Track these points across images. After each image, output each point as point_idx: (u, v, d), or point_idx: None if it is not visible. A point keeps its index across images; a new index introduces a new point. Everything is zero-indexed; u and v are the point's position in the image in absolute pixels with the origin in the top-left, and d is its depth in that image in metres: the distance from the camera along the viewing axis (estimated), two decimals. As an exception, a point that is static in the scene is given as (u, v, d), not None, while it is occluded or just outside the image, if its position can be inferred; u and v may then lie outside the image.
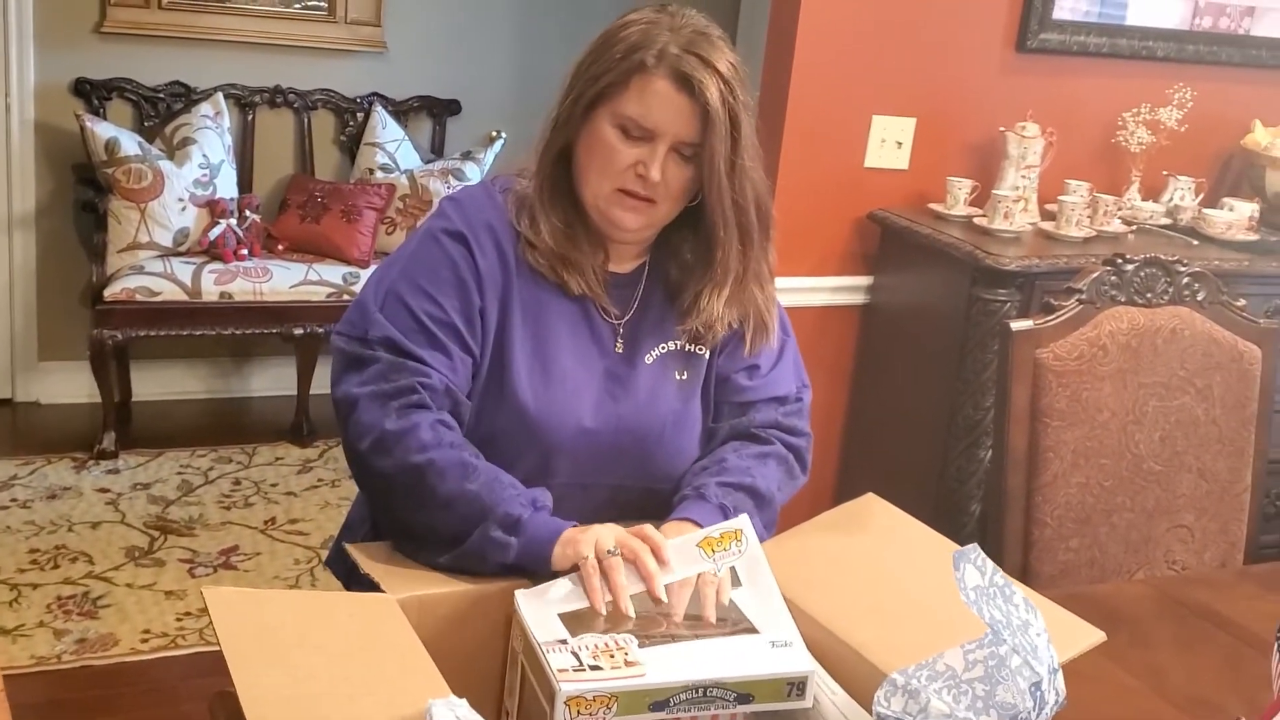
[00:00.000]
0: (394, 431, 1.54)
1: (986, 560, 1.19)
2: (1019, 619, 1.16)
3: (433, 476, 1.52)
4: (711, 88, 1.58)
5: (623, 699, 1.26)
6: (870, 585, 1.54)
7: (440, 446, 1.54)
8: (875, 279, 3.39)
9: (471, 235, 1.66)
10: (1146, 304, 2.24)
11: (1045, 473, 2.16)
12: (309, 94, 4.62)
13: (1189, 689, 1.68)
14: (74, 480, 3.91)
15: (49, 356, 4.46)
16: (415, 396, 1.56)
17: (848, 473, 3.51)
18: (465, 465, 1.54)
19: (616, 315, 1.72)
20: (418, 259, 1.66)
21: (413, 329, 1.60)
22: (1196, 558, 2.31)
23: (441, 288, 1.63)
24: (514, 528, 1.49)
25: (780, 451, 1.76)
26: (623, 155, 1.61)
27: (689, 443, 1.75)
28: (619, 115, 1.60)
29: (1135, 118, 3.45)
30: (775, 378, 1.80)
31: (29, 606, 3.18)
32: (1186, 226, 3.44)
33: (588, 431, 1.67)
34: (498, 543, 1.48)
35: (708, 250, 1.69)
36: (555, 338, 1.68)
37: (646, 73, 1.58)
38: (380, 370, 1.58)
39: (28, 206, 4.31)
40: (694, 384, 1.75)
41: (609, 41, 1.63)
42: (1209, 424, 2.28)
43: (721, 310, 1.70)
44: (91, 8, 4.29)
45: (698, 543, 1.47)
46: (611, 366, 1.71)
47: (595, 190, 1.64)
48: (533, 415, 1.65)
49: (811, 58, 3.16)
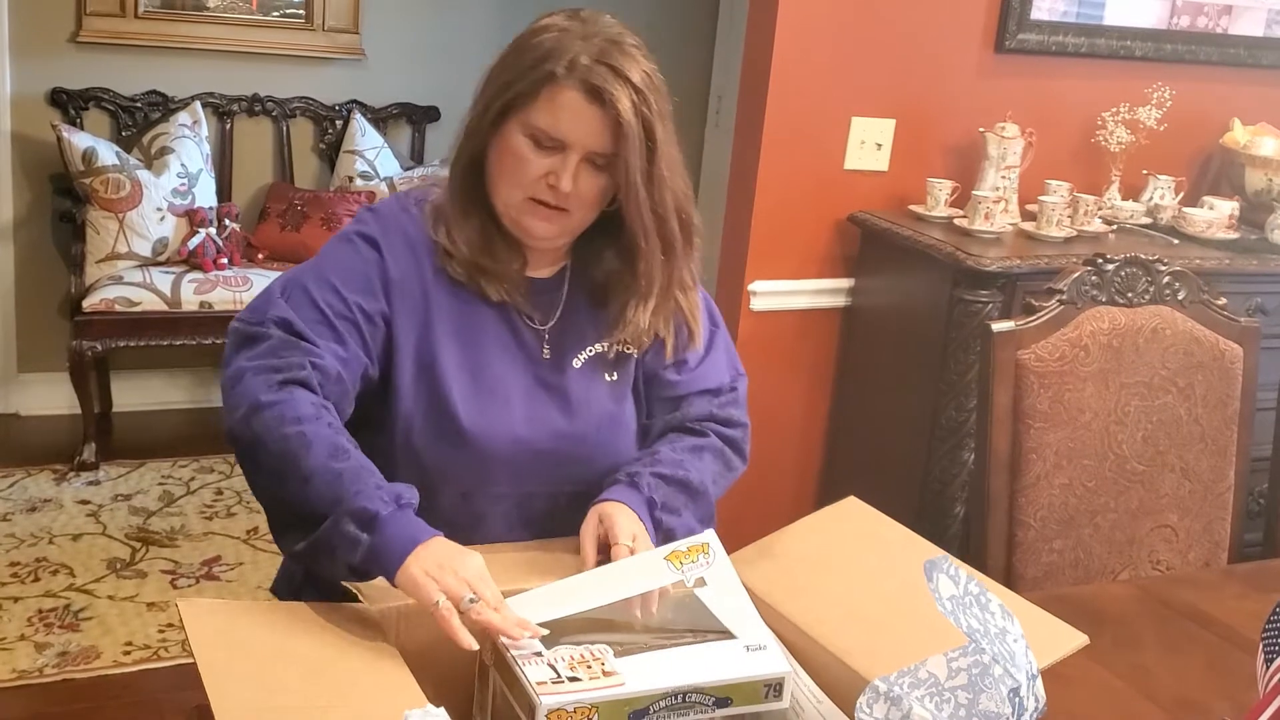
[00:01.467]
0: (269, 401, 1.47)
1: (959, 569, 1.19)
2: (996, 626, 1.16)
3: (299, 446, 1.44)
4: (623, 99, 1.55)
5: (603, 709, 1.25)
6: (851, 590, 1.54)
7: (317, 421, 1.47)
8: (856, 281, 3.39)
9: (385, 242, 1.63)
10: (1128, 304, 2.24)
11: (1028, 474, 2.15)
12: (287, 102, 4.60)
13: (1175, 690, 1.68)
14: (54, 492, 3.88)
15: (28, 368, 4.44)
16: (302, 374, 1.51)
17: (830, 476, 3.50)
18: (337, 446, 1.46)
19: (540, 321, 1.70)
20: (328, 256, 1.64)
21: (312, 317, 1.57)
22: (1181, 558, 2.30)
23: (347, 284, 1.60)
24: (369, 524, 1.39)
25: (715, 444, 1.75)
26: (534, 165, 1.58)
27: (625, 443, 1.74)
28: (529, 125, 1.57)
29: (1114, 117, 3.46)
30: (705, 371, 1.79)
31: (10, 620, 3.16)
32: (1167, 225, 3.45)
33: (523, 440, 1.65)
34: (348, 538, 1.39)
35: (630, 260, 1.67)
36: (483, 347, 1.66)
37: (556, 83, 1.55)
38: (271, 346, 1.53)
39: (5, 218, 4.28)
40: (625, 384, 1.74)
41: (521, 49, 1.60)
42: (1191, 423, 2.28)
43: (648, 321, 1.69)
44: (67, 17, 4.26)
45: (665, 556, 1.45)
46: (541, 373, 1.69)
47: (506, 199, 1.62)
48: (467, 427, 1.62)
49: (790, 59, 3.16)
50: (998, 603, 1.18)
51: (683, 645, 1.37)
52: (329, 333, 1.56)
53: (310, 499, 1.42)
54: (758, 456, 3.48)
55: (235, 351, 1.56)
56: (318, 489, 1.42)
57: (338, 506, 1.40)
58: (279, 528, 1.49)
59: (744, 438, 1.80)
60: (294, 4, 4.55)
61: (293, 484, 1.44)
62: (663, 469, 1.66)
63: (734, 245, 3.33)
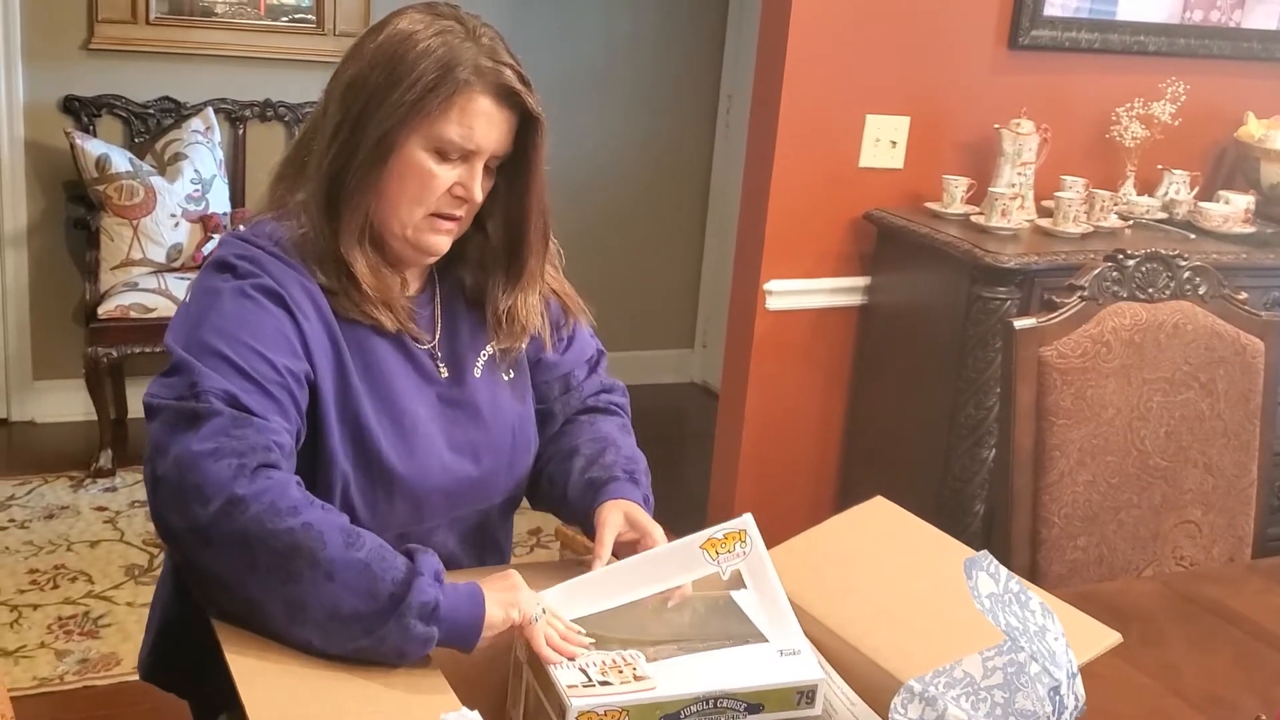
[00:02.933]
0: (250, 494, 1.29)
1: (1000, 567, 1.18)
2: (1035, 624, 1.15)
3: (311, 541, 1.29)
4: (528, 97, 1.51)
5: (634, 713, 1.25)
6: (882, 590, 1.53)
7: (313, 507, 1.32)
8: (872, 279, 3.38)
9: (289, 296, 1.48)
10: (1148, 299, 2.23)
11: (1051, 471, 2.15)
12: (299, 107, 4.60)
13: (1203, 686, 1.67)
14: (71, 499, 3.89)
15: (44, 375, 4.44)
16: (271, 455, 1.35)
17: (849, 475, 3.50)
18: (346, 531, 1.32)
19: (427, 339, 1.62)
20: (232, 316, 1.44)
21: (249, 387, 1.39)
22: (1205, 553, 2.30)
23: (269, 346, 1.43)
24: (432, 616, 1.30)
25: (621, 418, 1.78)
26: (440, 179, 1.50)
27: (533, 437, 1.72)
28: (435, 139, 1.48)
29: (1129, 112, 3.45)
30: (579, 345, 1.79)
31: (30, 628, 3.16)
32: (1183, 220, 3.44)
33: (451, 469, 1.59)
34: (419, 637, 1.30)
35: (512, 260, 1.63)
36: (390, 384, 1.56)
37: (468, 91, 1.47)
38: (221, 425, 1.33)
39: (19, 225, 4.29)
40: (522, 378, 1.72)
41: (403, 59, 1.48)
42: (1214, 418, 2.27)
43: (538, 312, 1.67)
44: (79, 24, 4.27)
45: (701, 544, 1.42)
46: (444, 393, 1.62)
47: (406, 220, 1.52)
48: (400, 473, 1.54)
49: (803, 57, 3.15)
50: (1038, 600, 1.17)
51: (715, 649, 1.36)
52: (271, 405, 1.40)
53: (337, 595, 1.29)
54: (776, 456, 3.49)
55: (172, 433, 1.34)
56: (346, 583, 1.29)
57: (378, 601, 1.29)
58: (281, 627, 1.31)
59: (627, 399, 1.83)
60: (304, 8, 4.56)
61: (308, 582, 1.28)
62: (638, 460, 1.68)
63: (749, 245, 3.33)
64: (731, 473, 3.41)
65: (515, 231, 1.61)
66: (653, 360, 5.28)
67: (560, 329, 1.75)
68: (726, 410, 3.47)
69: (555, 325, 1.74)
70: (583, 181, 4.93)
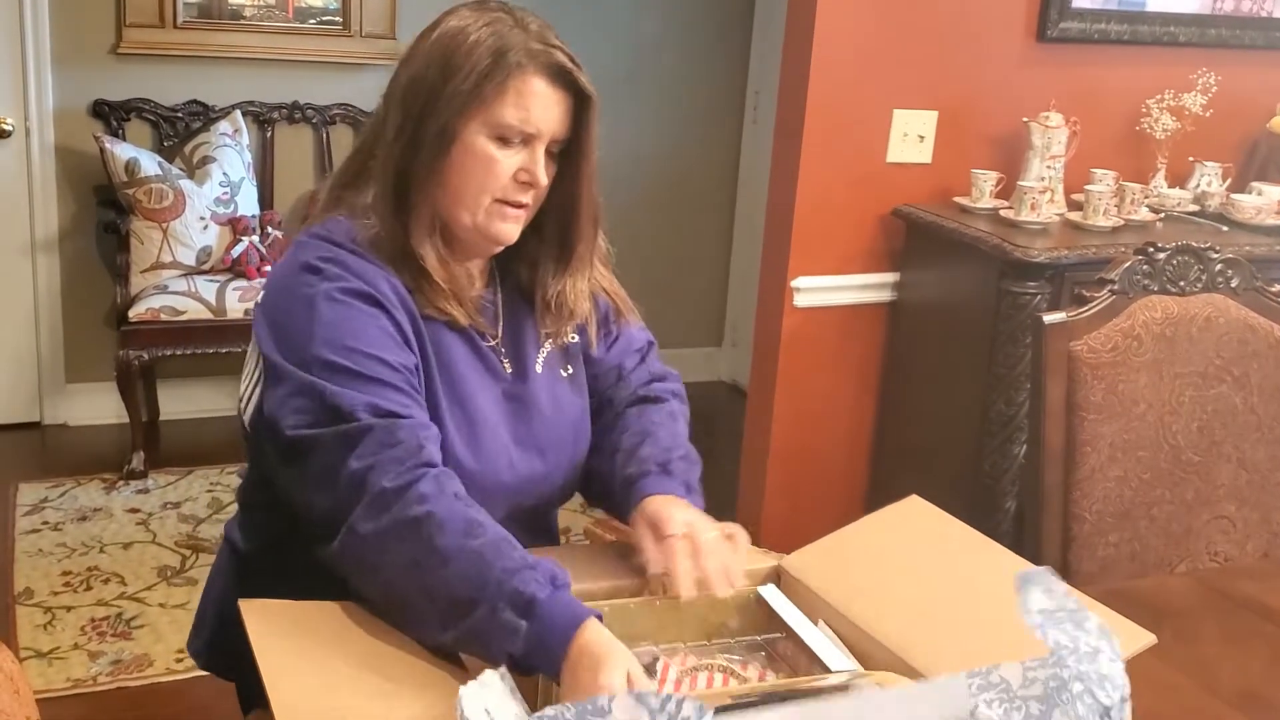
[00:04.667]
0: (393, 487, 1.36)
1: (1059, 583, 1.13)
2: (1088, 645, 1.11)
3: (430, 528, 1.34)
4: (580, 76, 1.54)
5: None
6: (915, 590, 1.52)
7: (442, 497, 1.37)
8: (901, 275, 3.36)
9: (378, 293, 1.51)
10: (1180, 292, 2.21)
11: (1083, 467, 2.13)
12: (327, 109, 4.62)
13: (1239, 684, 1.65)
14: (104, 501, 3.91)
15: (76, 378, 4.47)
16: (423, 454, 1.41)
17: (879, 472, 3.48)
18: (470, 521, 1.36)
19: (492, 336, 1.65)
20: (335, 325, 1.47)
21: (382, 389, 1.44)
22: (1239, 549, 2.27)
23: (381, 347, 1.47)
24: (527, 609, 1.29)
25: (674, 405, 1.77)
26: (504, 165, 1.53)
27: (589, 429, 1.74)
28: (495, 125, 1.51)
29: (1159, 104, 3.42)
30: (628, 336, 1.80)
31: (63, 629, 3.18)
32: (1215, 212, 3.41)
33: (516, 465, 1.62)
34: (507, 627, 1.29)
35: (563, 246, 1.65)
36: (463, 381, 1.59)
37: (522, 73, 1.50)
38: (377, 438, 1.39)
39: (50, 230, 4.32)
40: (579, 373, 1.74)
41: (456, 51, 1.51)
42: (1247, 412, 2.25)
43: (587, 301, 1.69)
44: (108, 29, 4.30)
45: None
46: (508, 389, 1.64)
47: (474, 208, 1.54)
48: (469, 469, 1.54)
49: (830, 53, 3.14)
50: (1096, 621, 1.12)
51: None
52: (407, 399, 1.46)
53: (451, 583, 1.32)
54: (806, 453, 3.48)
55: (336, 457, 1.40)
56: (458, 570, 1.32)
57: (485, 589, 1.31)
58: (408, 622, 1.36)
59: (681, 385, 1.82)
60: (331, 11, 4.57)
61: (425, 570, 1.33)
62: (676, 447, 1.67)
63: (776, 242, 3.31)
64: (760, 472, 3.40)
65: (567, 215, 1.63)
66: (681, 358, 5.26)
67: (610, 325, 1.77)
68: (755, 409, 3.46)
69: (604, 322, 1.75)
70: (611, 180, 4.86)
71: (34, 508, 3.83)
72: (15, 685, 1.00)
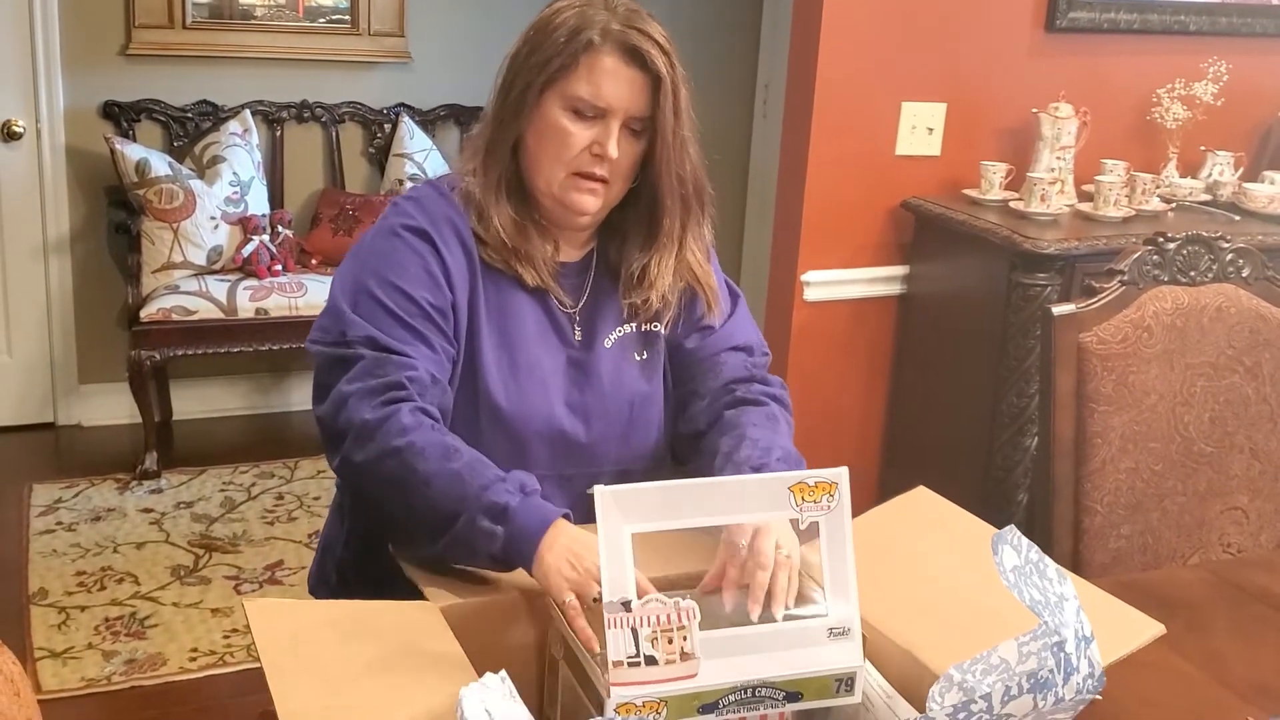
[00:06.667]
0: (374, 420, 1.52)
1: (1022, 538, 1.17)
2: (1054, 594, 1.14)
3: (411, 456, 1.49)
4: (658, 58, 1.61)
5: (672, 703, 1.24)
6: (922, 582, 1.51)
7: (420, 429, 1.52)
8: (911, 268, 3.36)
9: (435, 231, 1.65)
10: (1190, 283, 2.20)
11: (1094, 459, 2.12)
12: (336, 107, 4.62)
13: (1250, 675, 1.64)
14: (118, 501, 3.92)
15: (89, 379, 4.48)
16: (402, 392, 1.55)
17: (890, 466, 3.47)
18: (446, 447, 1.51)
19: (570, 304, 1.74)
20: (382, 255, 1.65)
21: (391, 324, 1.60)
22: (1252, 540, 2.26)
23: (413, 282, 1.62)
24: (501, 516, 1.44)
25: (775, 410, 1.78)
26: (577, 137, 1.62)
27: (657, 421, 1.78)
28: (569, 97, 1.62)
29: (1170, 94, 3.40)
30: (731, 329, 1.83)
31: (77, 629, 3.19)
32: (1227, 202, 3.39)
33: (558, 420, 1.70)
34: (484, 532, 1.44)
35: (651, 223, 1.72)
36: (520, 331, 1.70)
37: (594, 50, 1.60)
38: (365, 367, 1.56)
39: (62, 231, 4.33)
40: (655, 361, 1.78)
41: (545, 29, 1.64)
42: (1259, 402, 2.24)
43: (670, 280, 1.73)
44: (117, 30, 4.30)
45: (790, 485, 1.34)
46: (574, 355, 1.73)
47: (549, 177, 1.66)
48: (505, 410, 1.67)
49: (837, 46, 3.13)
50: (1054, 567, 1.16)
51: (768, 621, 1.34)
52: (412, 337, 1.60)
53: (435, 501, 1.47)
54: (817, 447, 3.46)
55: (329, 374, 1.59)
56: (440, 489, 1.47)
57: (464, 503, 1.45)
58: (403, 539, 1.54)
59: (786, 393, 1.84)
60: (340, 9, 4.57)
61: (412, 493, 1.49)
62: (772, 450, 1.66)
63: (786, 236, 3.31)
64: (772, 465, 3.39)
65: (652, 191, 1.70)
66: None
67: (700, 315, 1.80)
68: (766, 402, 3.44)
69: (689, 309, 1.79)
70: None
71: (48, 508, 3.84)
72: (16, 687, 1.00)
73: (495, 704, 1.08)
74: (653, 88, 1.63)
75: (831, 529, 1.35)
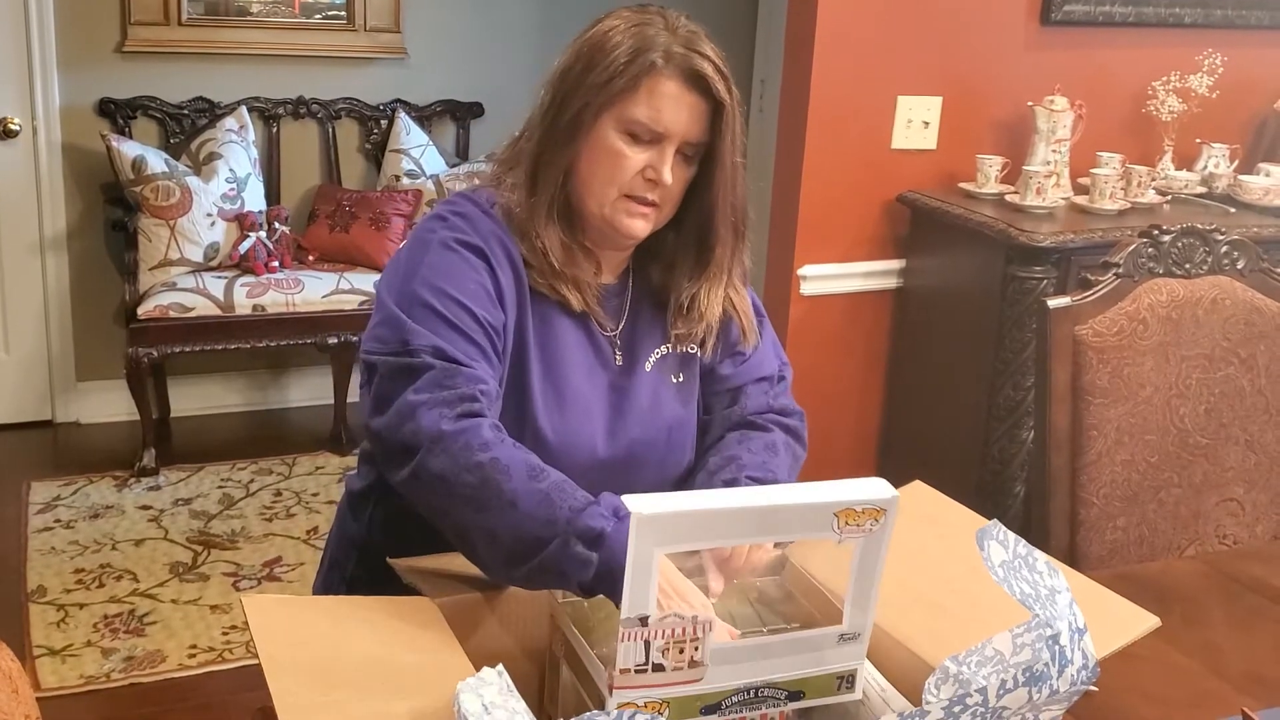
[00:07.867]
0: (453, 432, 1.43)
1: (1008, 533, 1.18)
2: (1045, 587, 1.14)
3: (496, 472, 1.41)
4: (719, 84, 1.57)
5: (675, 704, 1.24)
6: (916, 576, 1.51)
7: (503, 445, 1.44)
8: (907, 262, 3.36)
9: (489, 250, 1.59)
10: (1185, 275, 2.20)
11: (1089, 451, 2.12)
12: (332, 103, 4.62)
13: (1246, 667, 1.64)
14: (116, 498, 3.92)
15: (87, 376, 4.49)
16: (477, 404, 1.48)
17: (887, 459, 3.48)
18: (531, 465, 1.43)
19: (611, 328, 1.69)
20: (438, 268, 1.57)
21: (455, 336, 1.52)
22: (1248, 531, 2.26)
23: (471, 298, 1.55)
24: (596, 541, 1.36)
25: (781, 438, 1.75)
26: (632, 161, 1.57)
27: (689, 444, 1.74)
28: (627, 120, 1.56)
29: (1165, 86, 3.41)
30: (757, 360, 1.79)
31: (76, 626, 3.20)
32: (1222, 194, 3.39)
33: (602, 450, 1.65)
34: (578, 559, 1.35)
35: (701, 250, 1.67)
36: (565, 358, 1.64)
37: (656, 74, 1.55)
38: (434, 378, 1.48)
39: (59, 228, 4.33)
40: (691, 384, 1.74)
41: (602, 47, 1.57)
42: (1255, 394, 2.24)
43: (719, 309, 1.70)
44: (113, 27, 4.30)
45: (836, 511, 1.28)
46: (614, 380, 1.68)
47: (601, 199, 1.60)
48: (551, 442, 1.61)
49: (833, 40, 3.13)
50: (1044, 560, 1.16)
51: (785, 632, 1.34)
52: (476, 351, 1.53)
53: (520, 523, 1.39)
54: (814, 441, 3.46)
55: (389, 387, 1.50)
56: (528, 511, 1.39)
57: (555, 526, 1.37)
58: (483, 557, 1.44)
59: (802, 425, 1.80)
60: (335, 5, 4.57)
61: (495, 510, 1.40)
62: (754, 472, 1.65)
63: (782, 230, 3.31)
64: (770, 459, 3.40)
65: (705, 220, 1.65)
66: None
67: (735, 343, 1.76)
68: (763, 397, 3.45)
69: (724, 335, 1.75)
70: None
71: (46, 506, 3.84)
72: (14, 684, 1.00)
73: (492, 698, 1.08)
74: (711, 114, 1.58)
75: (867, 549, 1.32)
